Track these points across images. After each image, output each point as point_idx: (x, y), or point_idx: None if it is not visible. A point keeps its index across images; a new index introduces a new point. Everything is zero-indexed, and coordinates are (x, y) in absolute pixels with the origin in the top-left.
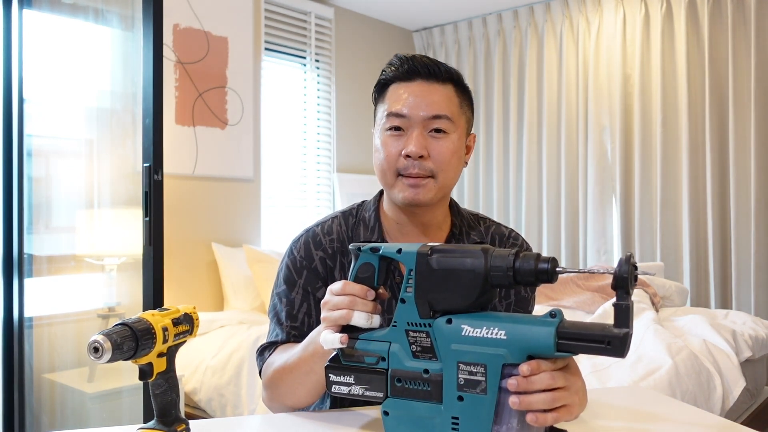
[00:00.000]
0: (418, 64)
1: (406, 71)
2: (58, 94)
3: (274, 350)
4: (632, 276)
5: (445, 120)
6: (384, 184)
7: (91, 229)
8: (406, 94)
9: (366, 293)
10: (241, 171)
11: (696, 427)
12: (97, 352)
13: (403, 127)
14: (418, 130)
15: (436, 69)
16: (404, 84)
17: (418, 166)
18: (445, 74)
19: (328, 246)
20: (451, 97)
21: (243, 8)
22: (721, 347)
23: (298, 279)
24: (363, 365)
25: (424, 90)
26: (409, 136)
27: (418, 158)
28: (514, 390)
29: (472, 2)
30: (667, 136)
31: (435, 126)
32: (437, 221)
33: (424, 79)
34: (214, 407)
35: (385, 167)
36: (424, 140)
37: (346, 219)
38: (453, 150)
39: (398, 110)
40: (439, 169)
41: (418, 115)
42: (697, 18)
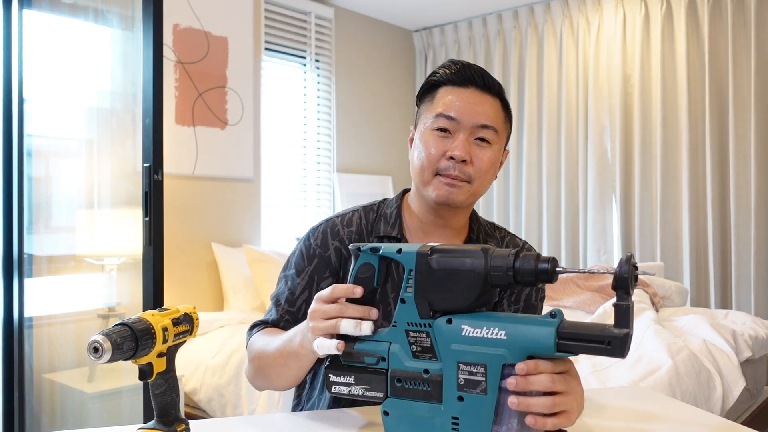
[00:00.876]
0: (474, 72)
1: (461, 77)
2: (58, 94)
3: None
4: (632, 276)
5: (491, 131)
6: (420, 180)
7: (91, 229)
8: (458, 98)
9: (353, 291)
10: (241, 171)
11: (696, 427)
12: (97, 352)
13: (451, 129)
14: (465, 135)
15: (490, 81)
16: (457, 89)
17: (458, 169)
18: (496, 87)
19: (345, 237)
20: (498, 111)
21: (243, 8)
22: (721, 347)
23: (308, 266)
24: (363, 365)
25: (477, 98)
26: (456, 139)
27: (461, 162)
28: (513, 389)
29: (472, 2)
30: (667, 136)
31: (481, 135)
32: (459, 225)
33: (478, 89)
34: (214, 407)
35: (426, 164)
36: (469, 146)
37: (367, 213)
38: (493, 160)
39: (449, 113)
40: (477, 176)
41: (467, 121)
42: (697, 18)
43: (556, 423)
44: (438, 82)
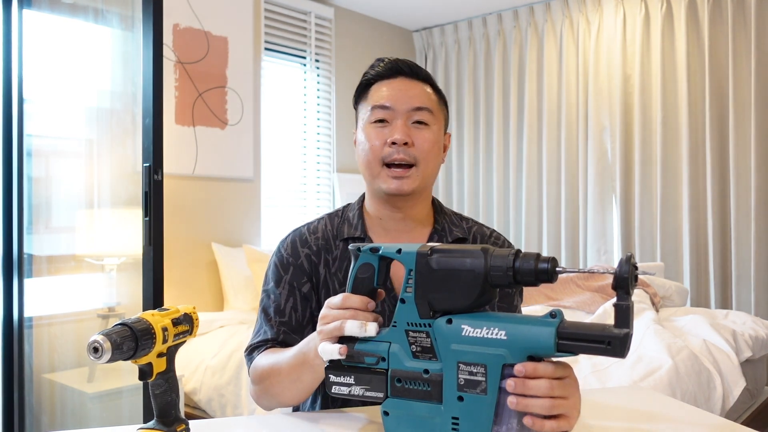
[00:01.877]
0: (401, 64)
1: (389, 70)
2: (58, 94)
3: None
4: (632, 276)
5: (426, 112)
6: (369, 175)
7: (91, 229)
8: (389, 89)
9: (366, 304)
10: (241, 171)
11: (696, 427)
12: (97, 352)
13: (387, 118)
14: (402, 120)
15: (417, 68)
16: (387, 81)
17: (402, 152)
18: (424, 75)
19: (313, 244)
20: (430, 94)
21: (243, 8)
22: (721, 347)
23: (285, 275)
24: (363, 365)
25: (407, 85)
26: (394, 125)
27: (402, 145)
28: (511, 391)
29: (472, 2)
30: (667, 136)
31: (417, 117)
32: (420, 217)
33: (407, 77)
34: (214, 407)
35: (371, 157)
36: (408, 129)
37: (332, 219)
38: (434, 140)
39: (382, 103)
40: (422, 157)
41: (401, 106)
42: (697, 18)
43: (554, 426)
44: (369, 81)
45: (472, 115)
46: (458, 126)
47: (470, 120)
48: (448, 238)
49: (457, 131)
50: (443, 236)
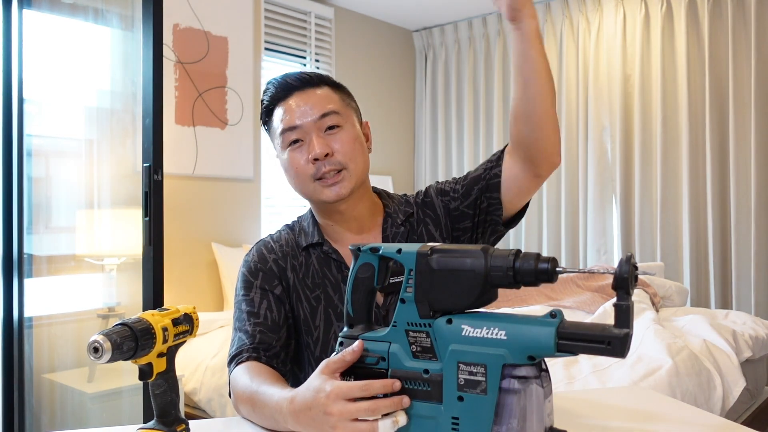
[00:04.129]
0: (290, 79)
1: (282, 89)
2: (58, 94)
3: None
4: (632, 276)
5: (333, 115)
6: (305, 194)
7: (91, 229)
8: (290, 108)
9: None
10: (241, 171)
11: (696, 427)
12: (97, 352)
13: (301, 137)
14: (315, 133)
15: (306, 77)
16: (284, 101)
17: (328, 164)
18: (316, 78)
19: (278, 250)
20: (329, 95)
21: (243, 8)
22: (721, 347)
23: (255, 280)
24: (363, 365)
25: (304, 97)
26: (309, 142)
27: (324, 158)
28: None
29: (472, 2)
30: (667, 136)
31: (327, 123)
32: (368, 211)
33: (300, 89)
34: (214, 407)
35: (301, 179)
36: (323, 140)
37: (292, 230)
38: (352, 139)
39: (290, 124)
40: (347, 159)
41: (307, 120)
42: (697, 18)
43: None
44: (268, 107)
45: (472, 115)
46: (458, 126)
47: (470, 120)
48: (400, 216)
49: (457, 131)
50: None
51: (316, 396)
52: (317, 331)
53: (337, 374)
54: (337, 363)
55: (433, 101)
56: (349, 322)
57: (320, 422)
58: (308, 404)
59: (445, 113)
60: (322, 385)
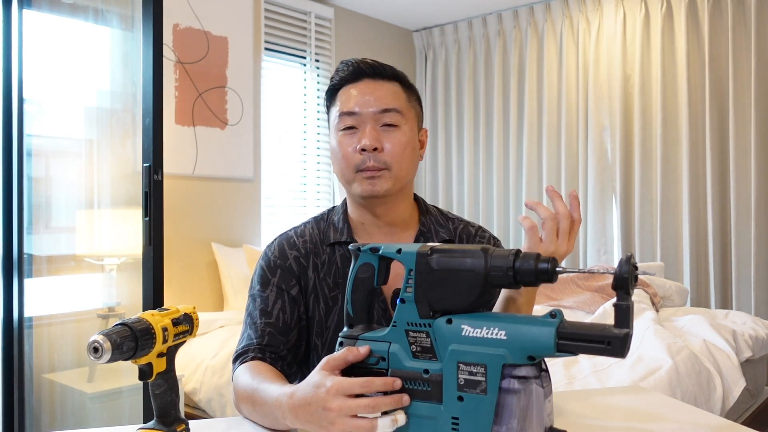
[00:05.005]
0: (364, 65)
1: (353, 73)
2: (58, 94)
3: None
4: (632, 276)
5: (394, 113)
6: (344, 181)
7: (91, 229)
8: (355, 93)
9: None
10: (241, 171)
11: (696, 427)
12: (97, 352)
13: (356, 125)
14: (371, 124)
15: (381, 68)
16: (352, 85)
17: (373, 159)
18: (390, 73)
19: (301, 246)
20: (398, 92)
21: (243, 8)
22: (721, 347)
23: (272, 277)
24: (363, 365)
25: (372, 87)
26: (362, 131)
27: (372, 151)
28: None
29: (472, 2)
30: (667, 136)
31: (386, 120)
32: (402, 219)
33: (371, 78)
34: (214, 407)
35: (344, 165)
36: (377, 134)
37: (318, 223)
38: (405, 142)
39: (349, 109)
40: (394, 160)
41: (368, 110)
42: (697, 18)
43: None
44: (335, 86)
45: (472, 115)
46: (458, 126)
47: (470, 120)
48: (435, 240)
49: (457, 131)
50: (429, 239)
51: (315, 392)
52: (327, 333)
53: (337, 371)
54: (338, 360)
55: (433, 101)
56: (349, 322)
57: (319, 417)
58: (308, 400)
59: (445, 113)
60: (323, 380)
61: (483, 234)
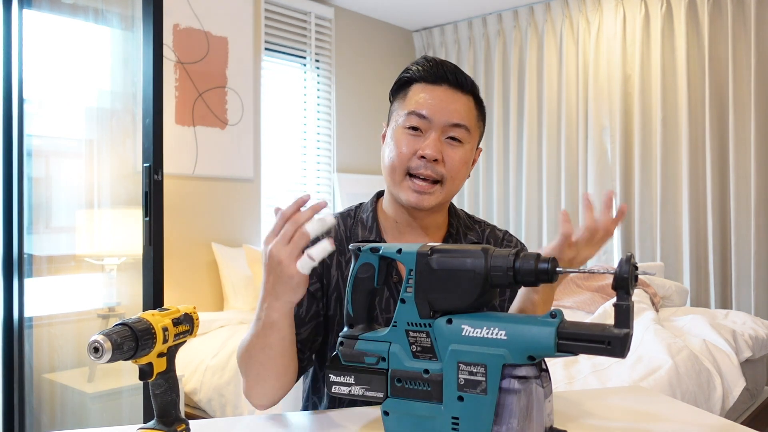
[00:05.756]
0: (447, 70)
1: (434, 74)
2: (58, 94)
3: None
4: (632, 276)
5: (463, 129)
6: (391, 181)
7: (91, 229)
8: (430, 96)
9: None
10: (241, 171)
11: (696, 427)
12: (97, 352)
13: (422, 128)
14: (437, 134)
15: (463, 79)
16: (429, 86)
17: (430, 169)
18: (470, 85)
19: None
20: (471, 109)
21: (243, 8)
22: (721, 347)
23: None
24: (363, 365)
25: (449, 96)
26: (427, 138)
27: (432, 161)
28: None
29: (472, 2)
30: (667, 136)
31: (452, 134)
32: (435, 224)
33: (451, 86)
34: (214, 407)
35: (396, 164)
36: (440, 145)
37: (345, 220)
38: (465, 159)
39: (421, 111)
40: (450, 175)
41: (439, 119)
42: (697, 18)
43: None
44: (411, 79)
45: None
46: None
47: None
48: (463, 242)
49: None
50: (457, 241)
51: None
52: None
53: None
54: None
55: None
56: (348, 322)
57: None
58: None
59: None
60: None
61: (510, 238)
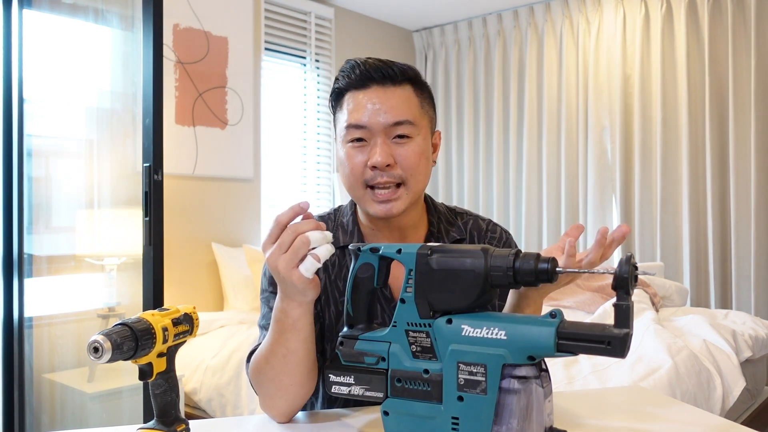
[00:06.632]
0: (371, 68)
1: (360, 78)
2: (58, 94)
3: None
4: (632, 276)
5: (407, 125)
6: (354, 197)
7: (91, 229)
8: (363, 102)
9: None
10: (241, 171)
11: (696, 427)
12: (97, 352)
13: (365, 137)
14: (381, 138)
15: (391, 71)
16: (359, 92)
17: (386, 175)
18: (400, 75)
19: None
20: (410, 99)
21: (243, 8)
22: (721, 347)
23: None
24: (363, 365)
25: (381, 96)
26: (373, 146)
27: (385, 168)
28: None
29: (472, 2)
30: (667, 136)
31: (398, 132)
32: (413, 223)
33: (380, 84)
34: (214, 407)
35: (353, 180)
36: (388, 148)
37: (325, 222)
38: (420, 153)
39: (357, 121)
40: (409, 174)
41: (378, 123)
42: (697, 18)
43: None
44: (341, 89)
45: (472, 115)
46: (458, 126)
47: (470, 120)
48: (445, 240)
49: (457, 131)
50: (439, 239)
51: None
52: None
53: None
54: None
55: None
56: (348, 322)
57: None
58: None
59: (444, 113)
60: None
61: (494, 228)
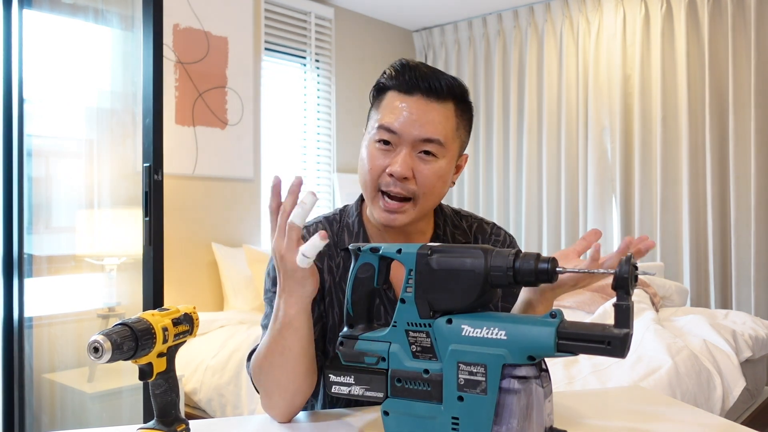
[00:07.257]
0: (420, 77)
1: (406, 83)
2: (58, 94)
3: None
4: (632, 276)
5: (436, 144)
6: (365, 195)
7: (91, 229)
8: (401, 108)
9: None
10: (241, 171)
11: (696, 427)
12: (97, 352)
13: (392, 142)
14: (407, 149)
15: (438, 85)
16: (401, 96)
17: (400, 186)
18: (446, 91)
19: None
20: (448, 118)
21: (243, 8)
22: (721, 347)
23: None
24: (363, 365)
25: (421, 108)
26: (397, 154)
27: (402, 179)
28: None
29: (472, 2)
30: (667, 136)
31: (425, 148)
32: (419, 229)
33: (423, 95)
34: (214, 407)
35: (368, 180)
36: (411, 161)
37: (331, 224)
38: (439, 175)
39: (389, 124)
40: (422, 192)
41: (409, 134)
42: (697, 18)
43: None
44: (385, 86)
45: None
46: None
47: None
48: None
49: None
50: (444, 241)
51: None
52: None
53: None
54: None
55: None
56: (348, 322)
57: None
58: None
59: None
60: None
61: (498, 231)
